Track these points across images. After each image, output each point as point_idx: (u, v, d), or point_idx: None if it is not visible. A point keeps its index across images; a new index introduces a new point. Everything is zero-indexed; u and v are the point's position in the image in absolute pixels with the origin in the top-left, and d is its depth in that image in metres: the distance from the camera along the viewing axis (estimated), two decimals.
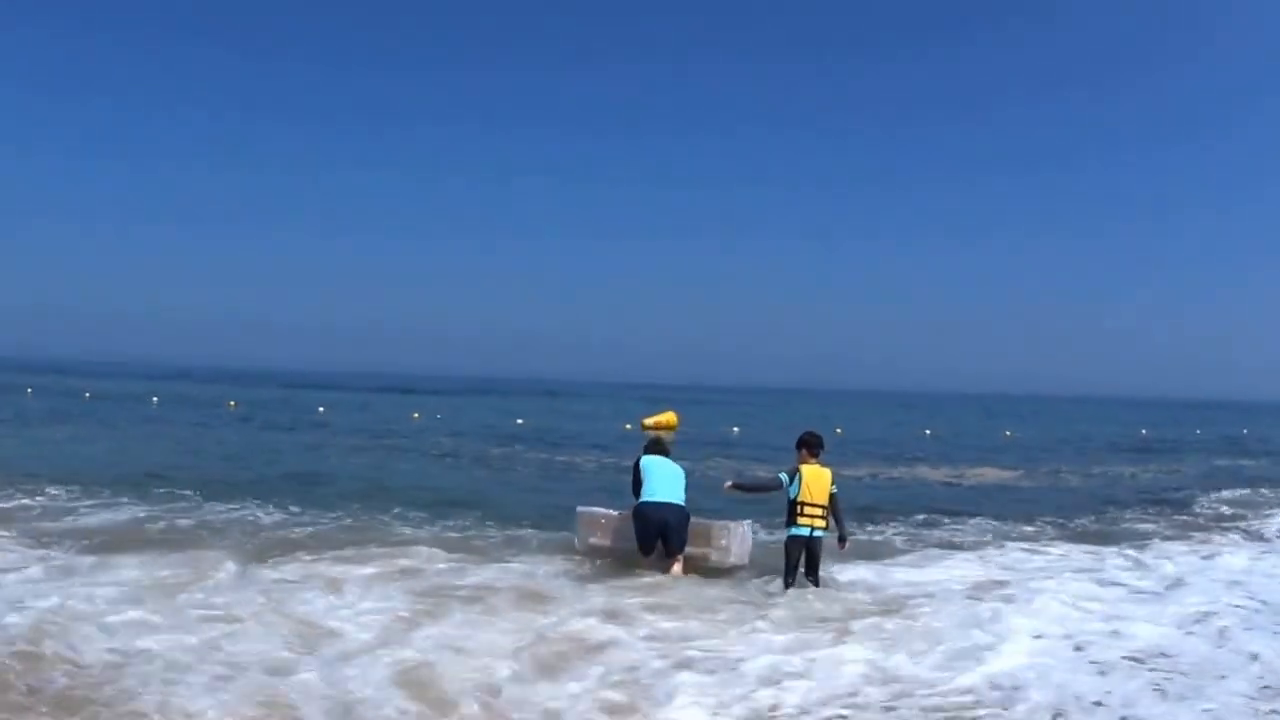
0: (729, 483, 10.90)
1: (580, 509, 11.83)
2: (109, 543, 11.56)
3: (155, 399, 50.03)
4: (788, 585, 10.02)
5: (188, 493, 15.83)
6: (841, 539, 10.25)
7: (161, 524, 13.29)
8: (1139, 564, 12.51)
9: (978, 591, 10.40)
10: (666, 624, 8.65)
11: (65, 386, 60.69)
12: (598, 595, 9.62)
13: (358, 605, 8.94)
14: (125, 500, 15.02)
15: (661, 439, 11.58)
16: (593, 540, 11.27)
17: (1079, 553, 13.23)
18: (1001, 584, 10.78)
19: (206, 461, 21.93)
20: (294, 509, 14.76)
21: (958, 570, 11.68)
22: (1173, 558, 12.93)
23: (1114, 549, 13.51)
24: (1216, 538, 15.20)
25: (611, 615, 8.82)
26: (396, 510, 14.90)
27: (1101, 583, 11.21)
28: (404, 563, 10.90)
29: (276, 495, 15.92)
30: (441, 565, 10.89)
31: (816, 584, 10.09)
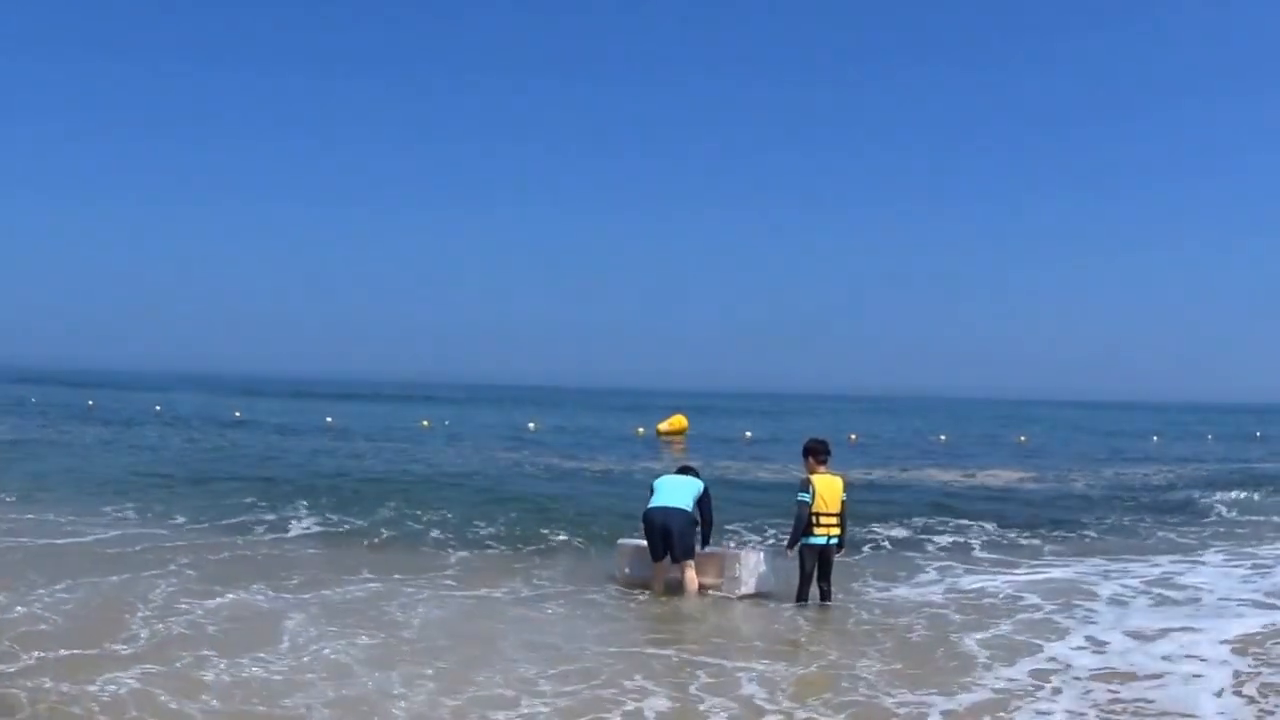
0: (787, 550, 10.32)
1: (620, 541, 11.72)
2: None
3: (157, 407, 50.05)
4: (801, 598, 10.06)
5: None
6: (840, 545, 10.21)
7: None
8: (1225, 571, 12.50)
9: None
10: None
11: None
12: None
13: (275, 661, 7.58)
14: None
15: (688, 465, 11.48)
16: (627, 570, 11.10)
17: (1140, 564, 13.06)
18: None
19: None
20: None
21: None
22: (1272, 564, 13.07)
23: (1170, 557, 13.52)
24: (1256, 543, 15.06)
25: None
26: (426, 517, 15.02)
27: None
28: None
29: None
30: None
31: (828, 592, 10.14)
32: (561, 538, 14.03)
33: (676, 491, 10.65)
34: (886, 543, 14.49)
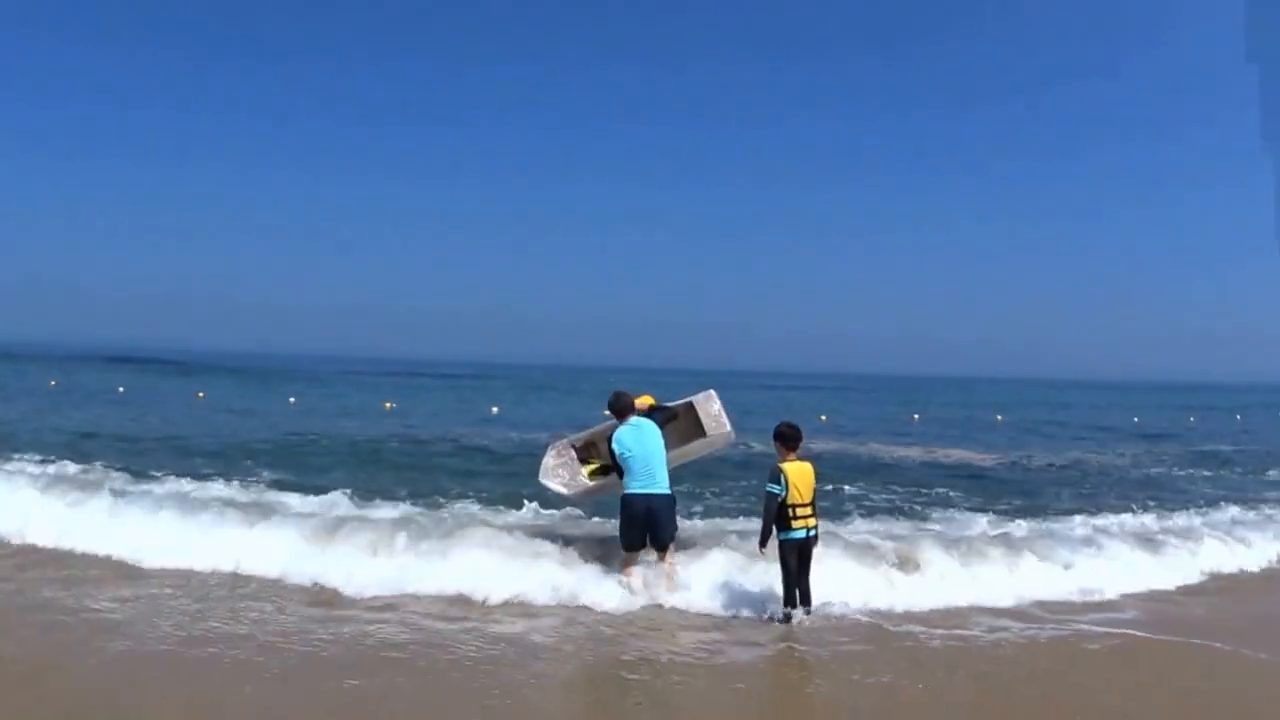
0: (759, 548, 9.55)
1: (550, 459, 11.02)
2: None
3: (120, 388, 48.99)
4: (787, 604, 9.33)
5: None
6: (815, 537, 9.53)
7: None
8: None
9: None
10: None
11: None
12: None
13: None
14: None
15: (623, 393, 10.28)
16: (551, 485, 10.96)
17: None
18: None
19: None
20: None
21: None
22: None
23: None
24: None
25: None
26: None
27: None
28: None
29: None
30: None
31: (807, 593, 9.42)
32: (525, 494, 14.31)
33: (657, 462, 9.86)
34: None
